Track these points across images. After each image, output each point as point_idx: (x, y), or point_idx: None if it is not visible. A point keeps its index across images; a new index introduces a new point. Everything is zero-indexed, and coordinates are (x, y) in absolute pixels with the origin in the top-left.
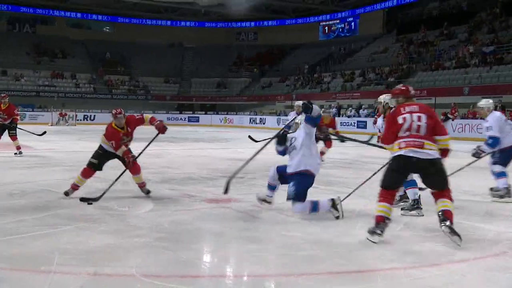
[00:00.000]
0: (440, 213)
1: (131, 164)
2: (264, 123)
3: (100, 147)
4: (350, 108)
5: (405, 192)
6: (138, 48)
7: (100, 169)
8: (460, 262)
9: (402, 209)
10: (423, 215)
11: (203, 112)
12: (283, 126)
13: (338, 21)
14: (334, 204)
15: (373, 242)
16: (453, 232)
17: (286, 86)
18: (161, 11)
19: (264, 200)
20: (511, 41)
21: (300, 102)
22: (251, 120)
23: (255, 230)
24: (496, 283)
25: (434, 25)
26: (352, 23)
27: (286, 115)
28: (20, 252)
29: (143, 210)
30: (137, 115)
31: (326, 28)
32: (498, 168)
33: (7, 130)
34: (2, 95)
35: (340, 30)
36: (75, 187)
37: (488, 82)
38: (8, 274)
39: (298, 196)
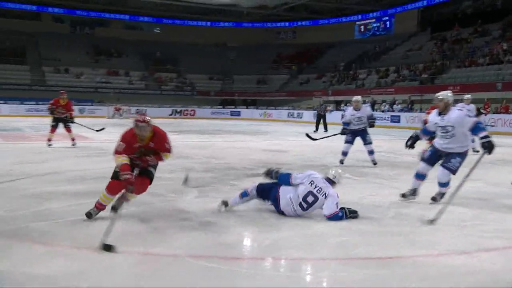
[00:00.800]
0: None
1: (128, 190)
2: (301, 117)
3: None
4: (384, 104)
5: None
6: (185, 47)
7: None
8: (490, 251)
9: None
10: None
11: (245, 107)
12: (342, 122)
13: (374, 20)
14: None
15: None
16: None
17: (323, 83)
18: (206, 13)
19: (225, 204)
20: None
21: (358, 97)
22: (289, 115)
23: (290, 218)
24: None
25: (468, 23)
26: (388, 22)
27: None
28: (81, 233)
29: (189, 197)
30: (167, 145)
31: (362, 27)
32: None
33: (63, 123)
34: (62, 91)
35: (376, 28)
36: (100, 206)
37: None
38: (70, 251)
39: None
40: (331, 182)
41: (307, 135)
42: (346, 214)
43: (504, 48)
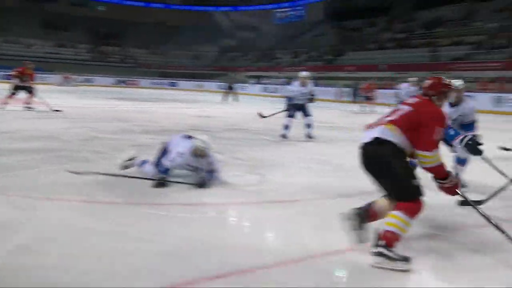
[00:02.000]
0: None
1: None
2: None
3: None
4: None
5: None
6: (129, 25)
7: None
8: None
9: None
10: None
11: (182, 79)
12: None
13: (290, 8)
14: None
15: None
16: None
17: (247, 60)
18: None
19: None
20: (418, 29)
21: (306, 73)
22: (218, 86)
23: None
24: None
25: (362, 15)
26: (301, 10)
27: (245, 83)
28: (29, 184)
29: (127, 155)
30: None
31: (281, 13)
32: None
33: (26, 90)
34: (27, 61)
35: (292, 16)
36: None
37: (401, 61)
38: (20, 201)
39: None
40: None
41: (259, 114)
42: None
43: (388, 36)
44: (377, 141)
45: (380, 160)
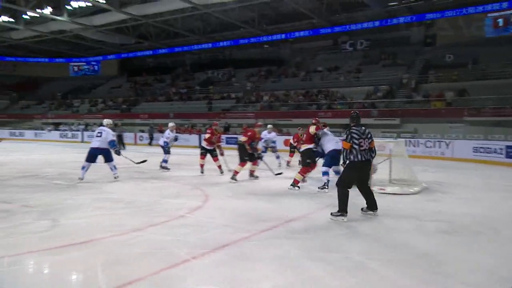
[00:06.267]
0: None
1: None
2: (23, 136)
3: None
4: (94, 125)
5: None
6: None
7: None
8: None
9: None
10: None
11: None
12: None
13: (85, 63)
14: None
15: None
16: None
17: (43, 108)
18: None
19: None
20: (196, 85)
21: (172, 124)
22: (11, 133)
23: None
24: None
25: (152, 72)
26: (95, 66)
27: (43, 130)
28: None
29: None
30: None
31: (76, 67)
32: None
33: None
34: None
35: (87, 70)
36: None
37: (185, 111)
38: None
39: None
40: None
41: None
42: None
43: (173, 91)
44: None
45: None
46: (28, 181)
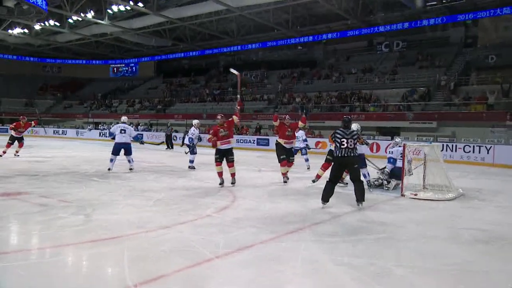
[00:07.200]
0: None
1: None
2: (65, 134)
3: None
4: (131, 124)
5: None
6: None
7: None
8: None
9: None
10: None
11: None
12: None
13: (123, 65)
14: None
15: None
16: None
17: (84, 108)
18: None
19: None
20: (229, 87)
21: (196, 121)
22: (55, 132)
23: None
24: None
25: (187, 74)
26: (134, 67)
27: (84, 129)
28: None
29: None
30: None
31: (115, 69)
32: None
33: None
34: (22, 116)
35: (125, 71)
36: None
37: (218, 112)
38: None
39: None
40: None
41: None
42: None
43: (207, 92)
44: None
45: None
46: (66, 177)
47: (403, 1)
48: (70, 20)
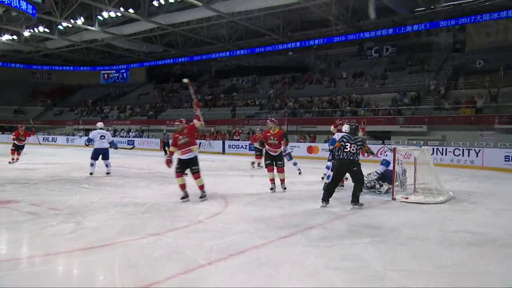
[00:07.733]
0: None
1: None
2: (55, 141)
3: None
4: (122, 131)
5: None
6: None
7: None
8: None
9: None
10: None
11: (1, 132)
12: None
13: (114, 71)
14: None
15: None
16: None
17: (75, 114)
18: None
19: None
20: (221, 93)
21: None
22: (44, 139)
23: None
24: None
25: (178, 79)
26: (124, 74)
27: (74, 135)
28: None
29: None
30: None
31: (106, 75)
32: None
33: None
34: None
35: (116, 77)
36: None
37: (210, 118)
38: None
39: None
40: None
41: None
42: None
43: (199, 97)
44: None
45: None
46: (56, 185)
47: (392, 7)
48: (60, 27)
